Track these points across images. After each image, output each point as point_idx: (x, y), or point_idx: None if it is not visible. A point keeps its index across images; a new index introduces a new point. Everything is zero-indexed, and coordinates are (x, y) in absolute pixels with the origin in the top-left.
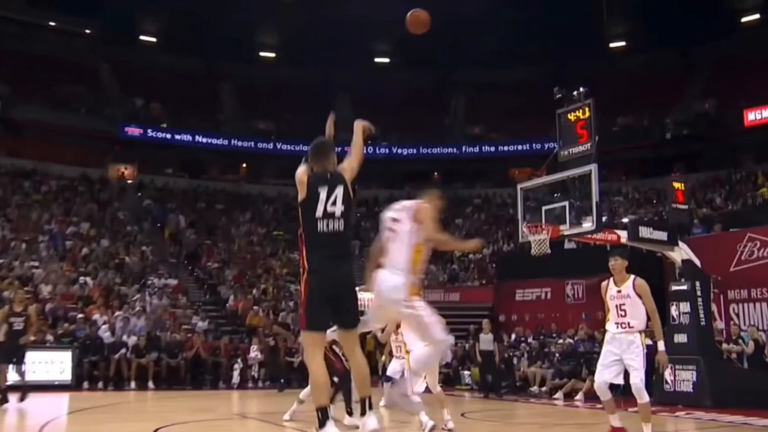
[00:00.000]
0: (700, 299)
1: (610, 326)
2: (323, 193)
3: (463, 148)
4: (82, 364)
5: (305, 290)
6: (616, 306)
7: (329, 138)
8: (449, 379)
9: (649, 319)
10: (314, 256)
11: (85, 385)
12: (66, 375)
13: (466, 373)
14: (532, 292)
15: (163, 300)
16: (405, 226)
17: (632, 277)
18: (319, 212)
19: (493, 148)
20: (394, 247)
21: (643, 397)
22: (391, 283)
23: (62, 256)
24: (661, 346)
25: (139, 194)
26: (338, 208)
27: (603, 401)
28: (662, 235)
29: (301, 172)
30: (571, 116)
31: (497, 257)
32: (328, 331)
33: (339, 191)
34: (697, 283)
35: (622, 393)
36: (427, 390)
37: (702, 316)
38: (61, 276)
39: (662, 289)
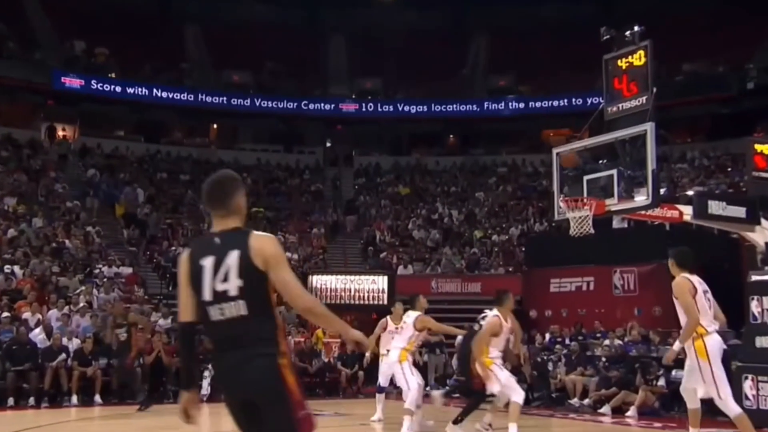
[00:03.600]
0: None
1: None
2: (208, 266)
3: (485, 105)
4: (6, 375)
5: None
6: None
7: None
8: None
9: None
10: (213, 355)
11: (11, 401)
12: None
13: None
14: (571, 282)
15: (114, 293)
16: None
17: (678, 276)
18: (207, 294)
19: (522, 105)
20: None
21: (732, 410)
22: None
23: None
24: (676, 346)
25: (82, 162)
26: (233, 284)
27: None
28: (739, 212)
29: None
30: (622, 63)
31: (527, 239)
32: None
33: (232, 259)
34: None
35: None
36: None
37: None
38: None
39: (740, 279)
